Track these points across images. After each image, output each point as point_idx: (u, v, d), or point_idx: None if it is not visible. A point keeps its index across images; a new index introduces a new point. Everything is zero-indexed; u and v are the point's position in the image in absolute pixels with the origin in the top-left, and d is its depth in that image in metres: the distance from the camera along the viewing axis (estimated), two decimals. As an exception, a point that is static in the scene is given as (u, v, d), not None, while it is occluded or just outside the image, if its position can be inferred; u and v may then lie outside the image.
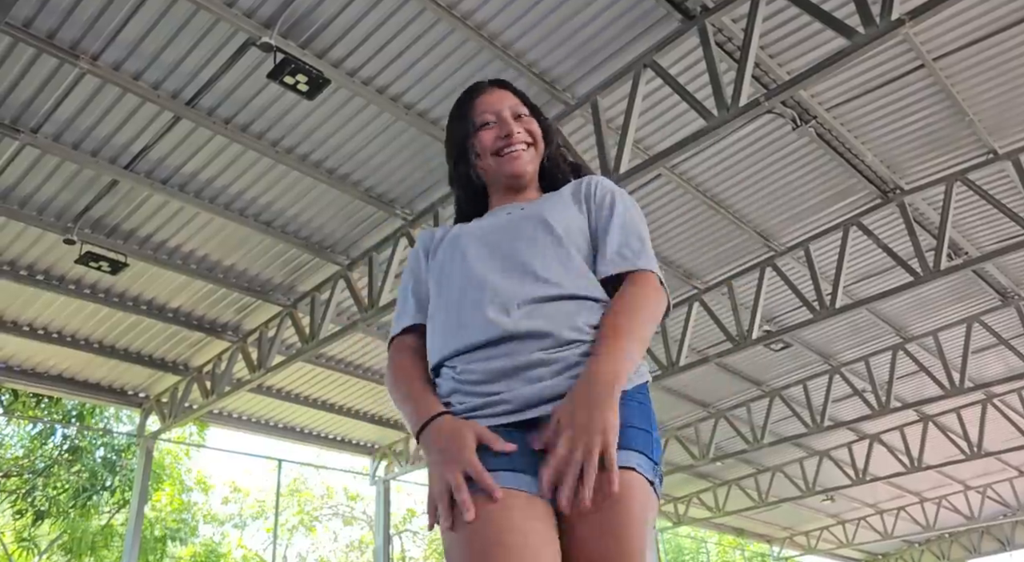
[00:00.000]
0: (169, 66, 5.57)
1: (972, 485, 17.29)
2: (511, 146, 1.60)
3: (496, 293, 1.39)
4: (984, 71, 6.33)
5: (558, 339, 1.32)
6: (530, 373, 1.30)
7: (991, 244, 8.34)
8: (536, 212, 1.53)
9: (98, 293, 7.88)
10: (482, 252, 1.49)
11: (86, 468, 13.15)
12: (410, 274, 1.65)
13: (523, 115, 1.65)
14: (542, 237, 1.47)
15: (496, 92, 1.69)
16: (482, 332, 1.35)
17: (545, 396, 1.27)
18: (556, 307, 1.36)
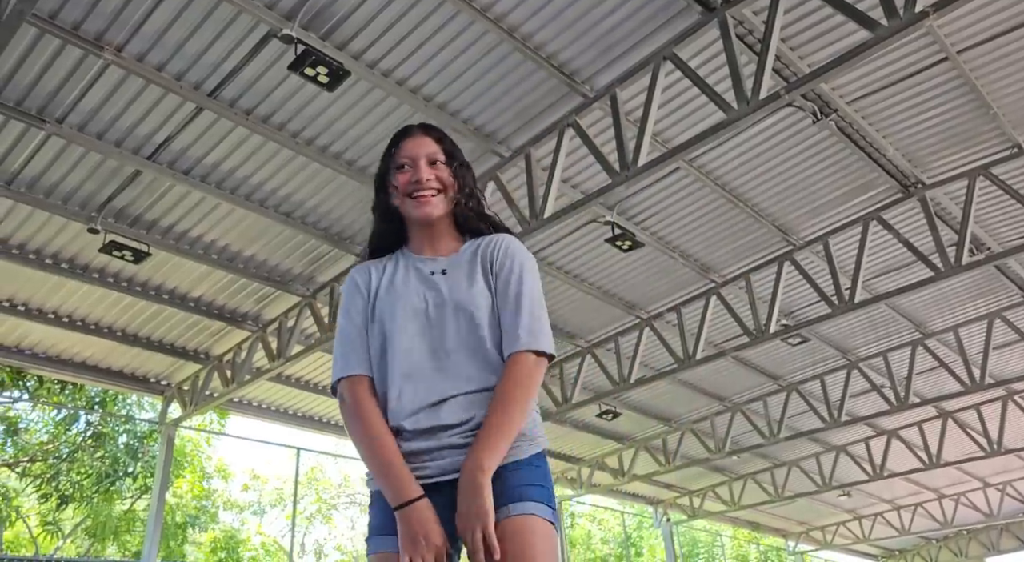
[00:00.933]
0: (192, 57, 5.64)
1: (991, 482, 17.13)
2: (420, 190, 1.80)
3: (429, 390, 1.66)
4: (1009, 64, 6.24)
5: (467, 428, 1.62)
6: (447, 450, 1.61)
7: (1014, 239, 8.25)
8: (457, 295, 1.74)
9: (121, 282, 8.00)
10: (416, 342, 1.70)
11: (109, 454, 13.37)
12: (351, 316, 1.80)
13: (439, 162, 1.84)
14: (465, 334, 1.70)
15: (419, 138, 1.88)
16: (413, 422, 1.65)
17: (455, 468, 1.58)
18: (470, 401, 1.64)
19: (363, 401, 1.68)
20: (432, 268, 1.80)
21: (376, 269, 1.84)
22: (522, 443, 1.62)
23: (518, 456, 1.61)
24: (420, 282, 1.78)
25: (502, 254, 1.79)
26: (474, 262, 1.79)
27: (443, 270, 1.79)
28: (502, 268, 1.77)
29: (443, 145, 1.87)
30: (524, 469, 1.60)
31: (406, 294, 1.76)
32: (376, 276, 1.82)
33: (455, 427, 1.62)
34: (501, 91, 6.17)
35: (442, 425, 1.62)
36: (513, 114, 6.40)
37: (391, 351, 1.70)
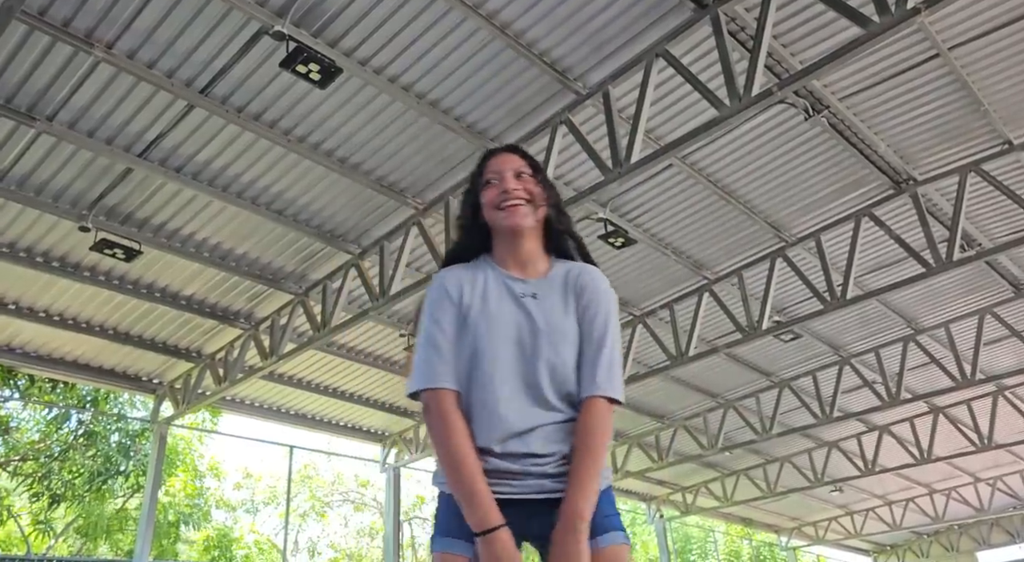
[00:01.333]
0: (183, 54, 5.61)
1: (982, 477, 17.25)
2: (508, 200, 1.83)
3: (521, 417, 1.71)
4: (1000, 61, 6.27)
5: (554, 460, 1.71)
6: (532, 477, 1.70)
7: (1004, 235, 8.29)
8: (550, 329, 1.77)
9: (112, 280, 7.96)
10: (510, 367, 1.73)
11: (101, 453, 13.30)
12: (441, 325, 1.79)
13: (524, 174, 1.87)
14: (556, 365, 1.74)
15: (504, 155, 1.93)
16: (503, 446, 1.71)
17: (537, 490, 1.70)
18: (556, 430, 1.72)
19: (454, 418, 1.71)
20: (523, 290, 1.82)
21: (465, 278, 1.84)
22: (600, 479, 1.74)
23: (602, 487, 1.73)
24: (513, 304, 1.80)
25: (592, 290, 1.83)
26: (565, 292, 1.83)
27: (533, 294, 1.81)
28: (591, 305, 1.81)
29: (528, 160, 1.92)
30: (603, 502, 1.71)
31: (500, 316, 1.78)
32: (468, 288, 1.82)
33: (543, 457, 1.70)
34: (493, 88, 6.16)
35: (531, 453, 1.69)
36: (505, 111, 6.40)
37: (482, 371, 1.73)
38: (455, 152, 6.80)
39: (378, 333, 9.63)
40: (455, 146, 6.73)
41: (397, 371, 10.47)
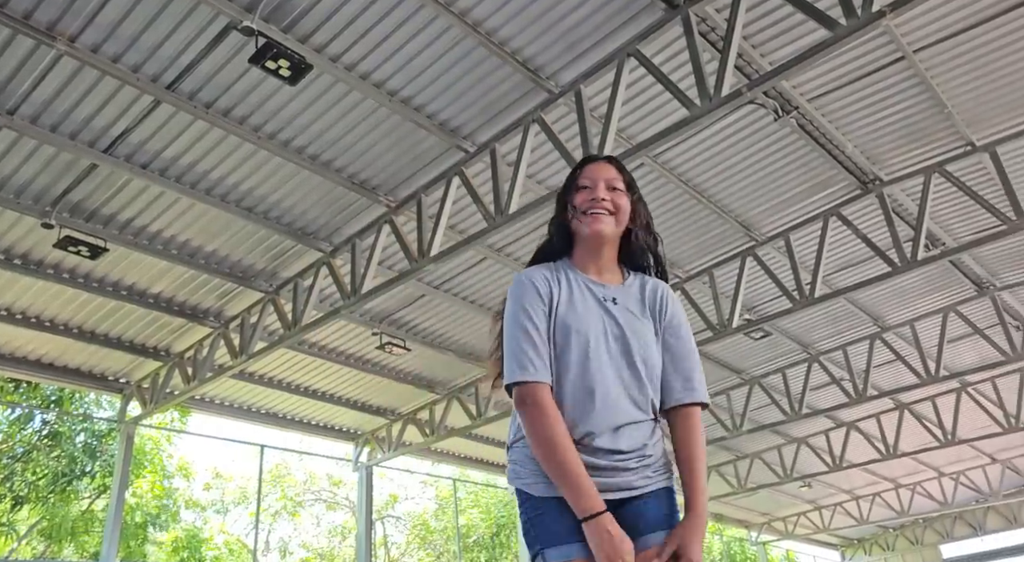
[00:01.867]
0: (149, 49, 5.51)
1: (946, 472, 17.62)
2: (595, 208, 1.90)
3: (611, 414, 1.79)
4: (963, 64, 6.40)
5: (640, 456, 1.81)
6: (619, 472, 1.78)
7: (967, 235, 8.47)
8: (631, 328, 1.87)
9: (77, 278, 7.81)
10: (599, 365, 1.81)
11: (66, 453, 13.07)
12: (535, 321, 1.83)
13: (617, 188, 1.95)
14: (640, 366, 1.84)
15: (602, 164, 2.01)
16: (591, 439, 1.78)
17: (624, 487, 1.78)
18: (639, 429, 1.82)
19: (554, 411, 1.75)
20: (604, 294, 1.90)
21: (551, 278, 1.90)
22: (669, 472, 1.86)
23: (670, 483, 1.85)
24: (598, 306, 1.88)
25: (671, 304, 1.96)
26: (642, 301, 1.93)
27: (614, 299, 1.90)
28: (674, 317, 1.94)
29: (624, 175, 1.98)
30: (673, 497, 1.85)
31: (588, 316, 1.85)
32: (555, 287, 1.88)
33: (629, 453, 1.78)
34: (466, 86, 6.14)
35: (619, 449, 1.77)
36: (478, 109, 6.38)
37: (574, 369, 1.79)
38: (427, 150, 6.77)
39: (350, 332, 9.57)
40: (427, 144, 6.70)
41: (369, 370, 10.42)
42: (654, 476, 1.82)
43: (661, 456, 1.85)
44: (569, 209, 1.96)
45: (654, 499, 1.80)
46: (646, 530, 1.75)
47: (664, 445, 1.87)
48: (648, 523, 1.76)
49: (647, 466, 1.81)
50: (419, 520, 22.15)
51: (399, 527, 22.13)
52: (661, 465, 1.84)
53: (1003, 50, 6.28)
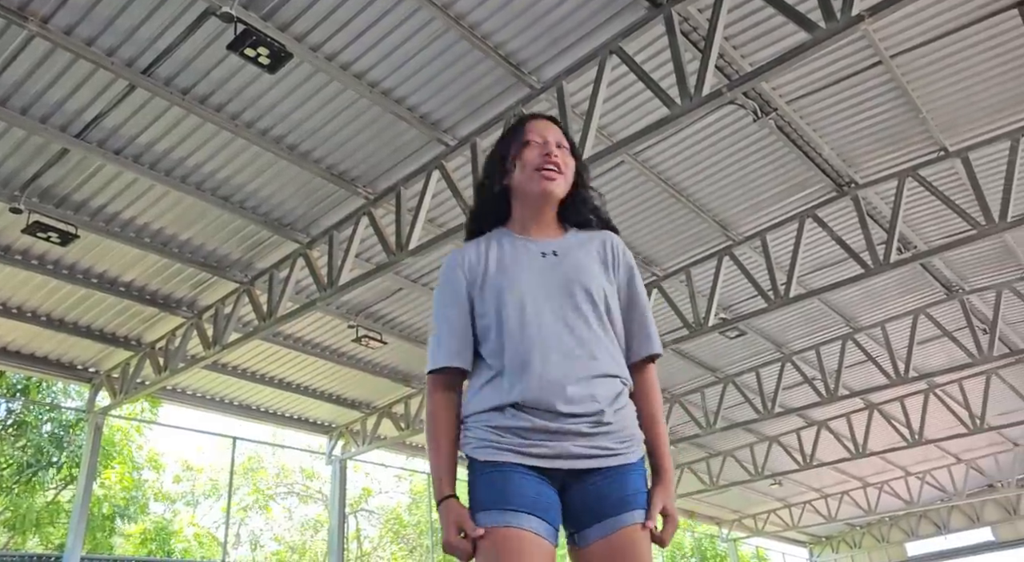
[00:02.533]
0: (124, 32, 5.41)
1: (912, 471, 17.94)
2: (549, 166, 1.80)
3: (554, 368, 1.63)
4: (939, 70, 6.50)
5: (597, 420, 1.63)
6: (566, 437, 1.61)
7: (939, 239, 8.61)
8: (575, 273, 1.74)
9: (47, 264, 7.66)
10: (537, 319, 1.68)
11: (31, 443, 12.83)
12: (453, 302, 1.78)
13: (564, 147, 1.86)
14: (589, 312, 1.70)
15: (548, 123, 1.90)
16: (535, 401, 1.62)
17: (576, 455, 1.61)
18: (598, 386, 1.65)
19: (439, 399, 1.72)
20: (543, 249, 1.79)
21: (478, 250, 1.82)
22: (636, 445, 1.69)
23: (634, 459, 1.67)
24: (536, 261, 1.76)
25: (622, 253, 1.85)
26: (588, 248, 1.81)
27: (554, 252, 1.78)
28: (627, 268, 1.83)
29: (568, 138, 1.91)
30: (637, 472, 1.67)
31: (521, 274, 1.74)
32: (481, 257, 1.80)
33: (581, 417, 1.62)
34: (448, 79, 6.11)
35: (570, 413, 1.61)
36: (460, 103, 6.36)
37: (512, 330, 1.67)
38: (407, 142, 6.73)
39: (326, 324, 9.50)
40: (407, 136, 6.66)
41: (345, 362, 10.35)
42: (618, 448, 1.63)
43: (625, 427, 1.66)
44: (512, 165, 1.83)
45: (621, 477, 1.62)
46: (612, 511, 1.59)
47: (633, 414, 1.71)
48: (613, 505, 1.59)
49: (607, 434, 1.62)
50: (392, 514, 22.09)
51: (372, 521, 22.05)
52: (629, 436, 1.66)
53: (978, 57, 6.38)
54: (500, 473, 1.60)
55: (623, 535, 1.57)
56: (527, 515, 1.55)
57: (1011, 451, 17.25)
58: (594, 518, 1.59)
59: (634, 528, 1.57)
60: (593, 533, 1.59)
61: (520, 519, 1.55)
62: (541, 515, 1.57)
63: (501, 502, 1.57)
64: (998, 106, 6.92)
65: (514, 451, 1.60)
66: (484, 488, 1.61)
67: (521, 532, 1.54)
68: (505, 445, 1.61)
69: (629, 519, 1.57)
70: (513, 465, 1.60)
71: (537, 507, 1.57)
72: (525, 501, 1.57)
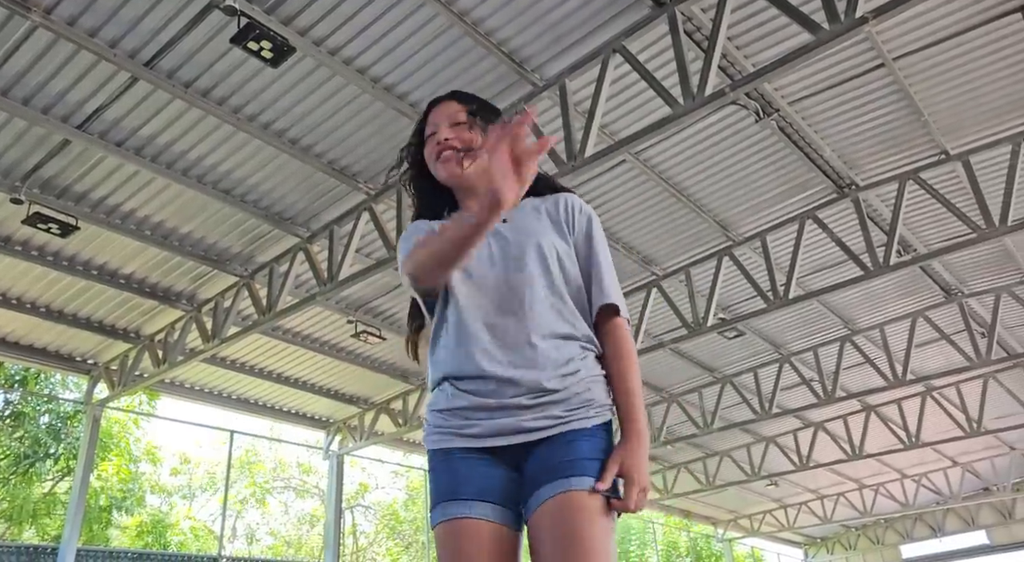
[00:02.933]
0: (128, 24, 5.40)
1: (908, 473, 17.97)
2: (442, 152, 1.73)
3: (491, 333, 1.55)
4: (941, 73, 6.50)
5: (537, 388, 1.51)
6: (508, 412, 1.51)
7: (938, 242, 8.61)
8: (523, 235, 1.64)
9: (46, 255, 7.65)
10: (483, 287, 1.59)
11: (29, 434, 12.84)
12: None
13: (460, 122, 1.75)
14: (535, 272, 1.60)
15: (442, 105, 1.81)
16: (474, 371, 1.54)
17: (518, 429, 1.50)
18: (542, 350, 1.54)
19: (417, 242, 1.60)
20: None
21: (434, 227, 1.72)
22: (592, 411, 1.53)
23: (586, 425, 1.51)
24: None
25: (578, 210, 1.73)
26: (539, 213, 1.71)
27: (503, 220, 1.63)
28: (585, 224, 1.71)
29: (466, 105, 1.79)
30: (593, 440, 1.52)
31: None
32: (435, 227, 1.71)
33: (519, 385, 1.51)
34: (450, 75, 6.10)
35: (505, 375, 1.51)
36: (462, 99, 6.34)
37: (452, 298, 1.61)
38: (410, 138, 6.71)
39: (325, 319, 9.50)
40: (410, 131, 6.62)
41: (343, 358, 10.36)
42: (566, 416, 1.50)
43: (578, 393, 1.53)
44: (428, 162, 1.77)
45: (566, 444, 1.48)
46: (548, 478, 1.45)
47: (592, 379, 1.57)
48: (550, 471, 1.45)
49: (554, 403, 1.50)
50: (389, 510, 22.11)
51: (368, 516, 22.08)
52: (584, 401, 1.52)
53: (980, 61, 6.39)
54: (447, 462, 1.53)
55: (557, 501, 1.42)
56: (475, 502, 1.47)
57: (1007, 455, 17.29)
58: (533, 488, 1.47)
59: (571, 494, 1.42)
60: (531, 504, 1.46)
61: (467, 507, 1.47)
62: (492, 499, 1.48)
63: (447, 493, 1.50)
64: (1000, 110, 6.93)
65: (457, 434, 1.53)
66: (434, 481, 1.56)
67: (464, 523, 1.46)
68: (448, 429, 1.55)
69: (565, 485, 1.43)
70: (459, 450, 1.52)
71: (485, 491, 1.48)
72: (470, 488, 1.49)
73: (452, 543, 1.47)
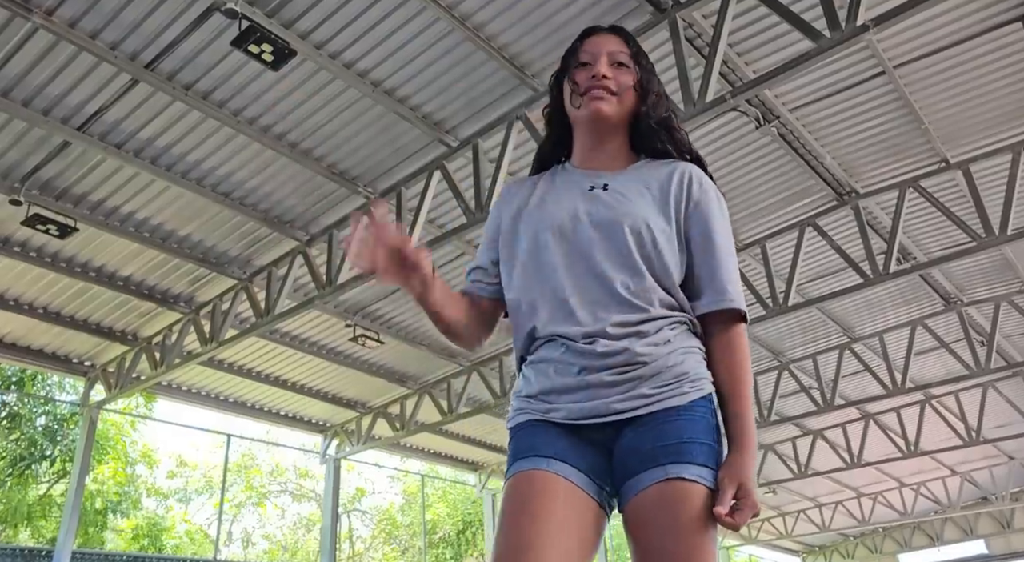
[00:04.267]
0: (128, 26, 5.40)
1: (907, 482, 17.92)
2: (596, 88, 1.57)
3: (581, 316, 1.42)
4: (941, 81, 6.50)
5: (622, 358, 1.39)
6: (592, 391, 1.39)
7: (938, 250, 8.61)
8: (615, 206, 1.49)
9: (45, 257, 7.64)
10: (557, 261, 1.47)
11: (25, 436, 12.80)
12: (488, 233, 1.66)
13: (622, 63, 1.61)
14: (620, 250, 1.45)
15: (604, 36, 1.66)
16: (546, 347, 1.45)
17: (601, 412, 1.38)
18: (618, 317, 1.41)
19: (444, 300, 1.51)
20: (593, 182, 1.55)
21: (530, 183, 1.65)
22: (688, 385, 1.39)
23: (682, 401, 1.37)
24: (576, 196, 1.53)
25: (696, 187, 1.53)
26: (648, 179, 1.54)
27: (605, 185, 1.53)
28: (701, 205, 1.51)
29: (630, 47, 1.64)
30: (694, 417, 1.37)
31: (555, 210, 1.52)
32: (527, 191, 1.62)
33: (603, 361, 1.38)
34: (451, 80, 6.11)
35: (588, 356, 1.39)
36: (462, 104, 6.35)
37: (528, 272, 1.49)
38: (409, 142, 6.72)
39: (323, 323, 9.48)
40: (410, 136, 6.66)
41: (341, 362, 10.33)
42: (656, 393, 1.36)
43: (673, 365, 1.38)
44: (567, 91, 1.62)
45: (658, 424, 1.34)
46: (641, 467, 1.32)
47: (685, 351, 1.42)
48: (643, 458, 1.33)
49: (638, 379, 1.37)
50: (385, 515, 22.05)
51: (365, 521, 22.02)
52: (677, 375, 1.38)
53: (981, 69, 6.39)
54: (529, 429, 1.42)
55: (651, 493, 1.30)
56: (555, 460, 1.35)
57: (1006, 464, 17.25)
58: (623, 477, 1.35)
59: (667, 485, 1.29)
60: (624, 495, 1.34)
61: (544, 463, 1.35)
62: (573, 463, 1.35)
63: (527, 450, 1.39)
64: (1000, 118, 6.93)
65: (541, 420, 1.42)
66: (513, 446, 1.44)
67: (537, 472, 1.34)
68: (530, 411, 1.44)
69: (660, 473, 1.30)
70: (547, 423, 1.41)
71: (569, 455, 1.36)
72: (553, 449, 1.36)
73: (520, 492, 1.33)
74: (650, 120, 1.60)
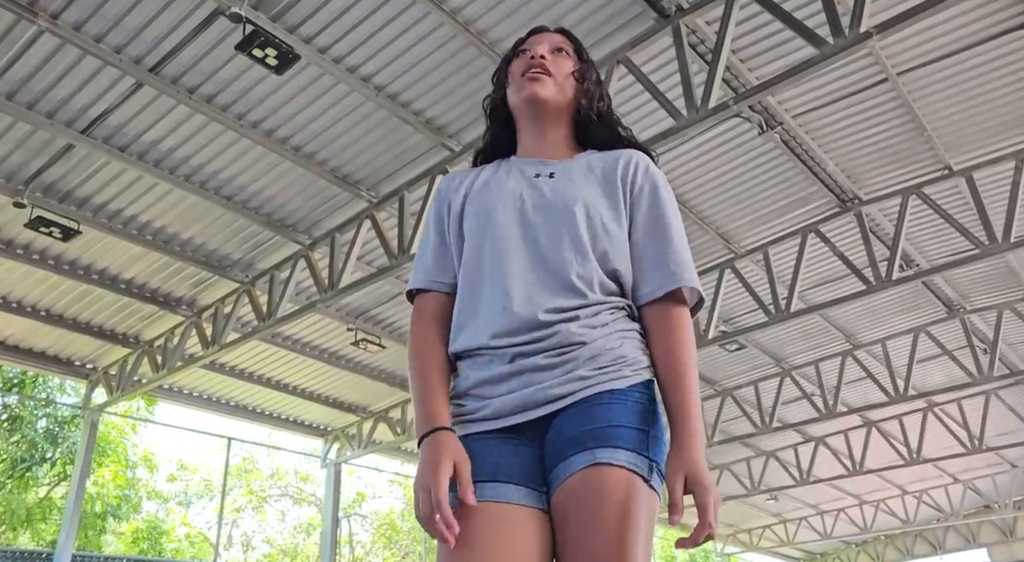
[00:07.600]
0: (133, 30, 5.42)
1: (909, 490, 17.86)
2: (532, 69, 1.55)
3: (516, 299, 1.37)
4: (945, 89, 6.50)
5: (556, 340, 1.34)
6: (525, 378, 1.33)
7: (941, 257, 8.59)
8: (561, 193, 1.46)
9: (48, 259, 7.65)
10: (506, 245, 1.42)
11: (25, 439, 12.80)
12: (432, 225, 1.59)
13: (562, 50, 1.61)
14: (567, 235, 1.41)
15: (546, 34, 1.67)
16: (488, 339, 1.37)
17: (538, 400, 1.31)
18: (557, 301, 1.36)
19: (421, 319, 1.47)
20: (538, 170, 1.52)
21: (470, 175, 1.61)
22: (625, 369, 1.33)
23: (617, 385, 1.31)
24: (520, 182, 1.50)
25: (643, 172, 1.52)
26: (594, 167, 1.52)
27: (551, 174, 1.50)
28: (648, 190, 1.49)
29: (572, 42, 1.64)
30: (626, 401, 1.30)
31: (500, 195, 1.49)
32: (468, 181, 1.58)
33: (538, 345, 1.33)
34: (454, 85, 6.11)
35: (526, 344, 1.33)
36: (466, 108, 6.36)
37: (470, 259, 1.45)
38: (412, 146, 6.73)
39: (325, 326, 9.48)
40: (412, 140, 6.66)
41: (342, 366, 10.33)
42: (594, 375, 1.30)
43: (612, 347, 1.33)
44: (507, 83, 1.60)
45: (588, 409, 1.28)
46: (567, 452, 1.24)
47: (623, 334, 1.38)
48: (569, 443, 1.25)
49: (575, 360, 1.31)
50: (386, 519, 22.01)
51: (365, 526, 21.97)
52: (615, 358, 1.33)
53: (985, 77, 6.39)
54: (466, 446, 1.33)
55: (574, 482, 1.22)
56: (488, 483, 1.26)
57: (1009, 472, 17.19)
58: (551, 465, 1.28)
59: (593, 471, 1.21)
60: (551, 485, 1.27)
61: (481, 490, 1.25)
62: (504, 479, 1.26)
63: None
64: (1004, 126, 6.92)
65: (475, 420, 1.34)
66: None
67: (480, 506, 1.24)
68: (466, 416, 1.36)
69: (587, 458, 1.21)
70: (477, 435, 1.33)
71: (499, 471, 1.27)
72: (484, 469, 1.27)
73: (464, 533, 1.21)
74: (590, 111, 1.58)
